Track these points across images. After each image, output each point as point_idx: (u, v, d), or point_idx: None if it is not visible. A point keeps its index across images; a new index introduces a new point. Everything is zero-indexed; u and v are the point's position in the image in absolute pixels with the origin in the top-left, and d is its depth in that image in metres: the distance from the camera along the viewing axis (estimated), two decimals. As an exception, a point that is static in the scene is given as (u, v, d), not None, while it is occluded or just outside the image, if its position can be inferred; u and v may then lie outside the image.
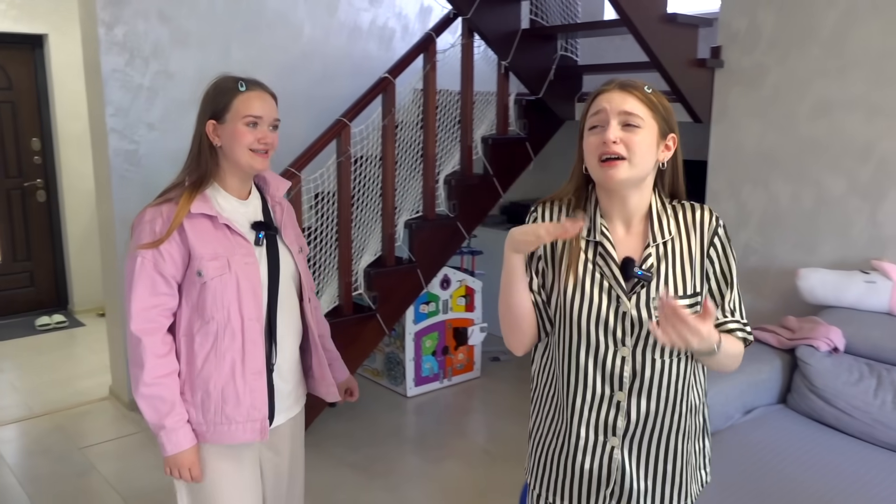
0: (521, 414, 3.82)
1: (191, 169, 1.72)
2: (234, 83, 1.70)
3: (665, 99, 1.40)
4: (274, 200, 1.85)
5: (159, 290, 1.66)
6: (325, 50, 4.31)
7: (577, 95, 4.16)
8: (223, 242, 1.68)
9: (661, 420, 1.41)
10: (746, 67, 3.29)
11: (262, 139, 1.70)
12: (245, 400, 1.69)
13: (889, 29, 2.85)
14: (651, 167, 1.37)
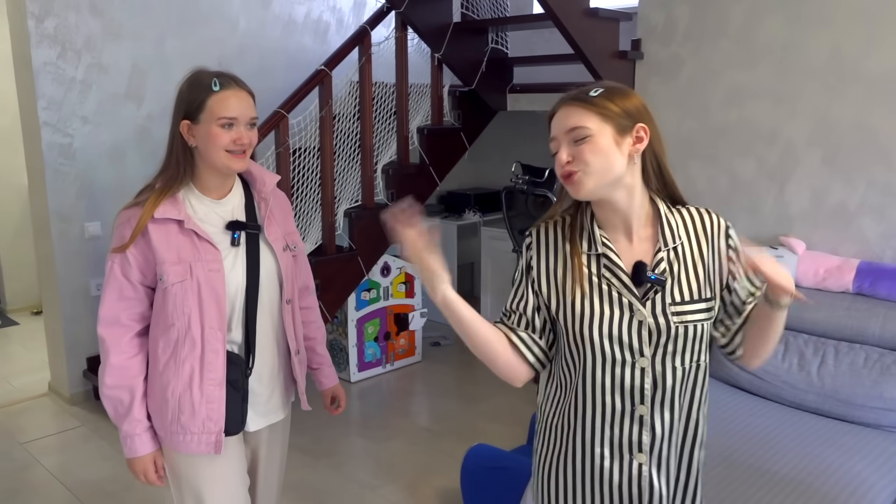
0: (461, 394, 3.97)
1: (164, 169, 1.66)
2: (209, 80, 1.61)
3: (622, 94, 1.34)
4: (260, 196, 1.76)
5: (125, 294, 1.64)
6: (260, 43, 4.35)
7: (508, 87, 4.31)
8: (188, 248, 1.62)
9: (682, 430, 1.39)
10: (664, 59, 3.50)
11: (238, 140, 1.61)
12: (201, 411, 1.64)
13: (790, 23, 3.09)
14: (619, 167, 1.32)
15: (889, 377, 2.53)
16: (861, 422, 2.56)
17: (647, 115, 1.35)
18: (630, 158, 1.33)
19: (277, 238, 1.76)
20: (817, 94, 3.05)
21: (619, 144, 1.32)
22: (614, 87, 1.37)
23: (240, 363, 1.69)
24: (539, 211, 4.02)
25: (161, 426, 1.67)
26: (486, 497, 2.61)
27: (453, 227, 4.94)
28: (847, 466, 2.25)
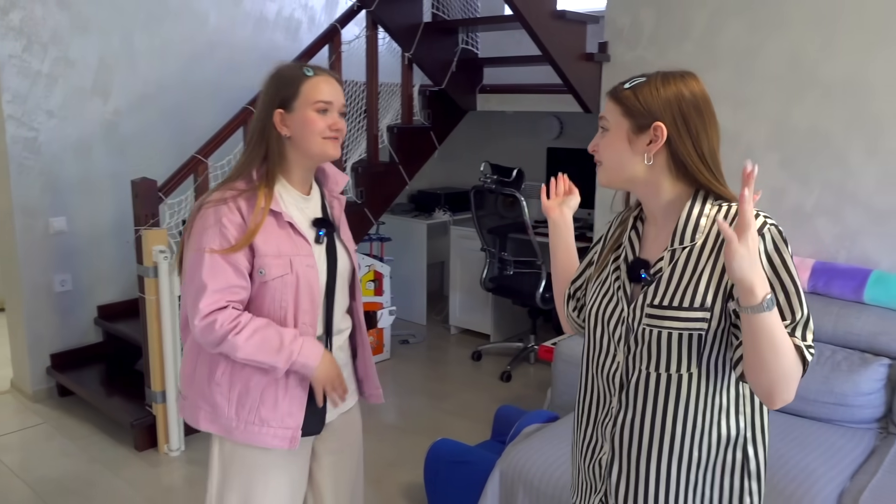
0: (428, 392, 4.00)
1: (254, 162, 1.62)
2: (300, 69, 1.61)
3: (657, 86, 1.29)
4: (332, 195, 1.78)
5: (231, 281, 1.57)
6: (231, 40, 4.34)
7: (478, 87, 4.35)
8: (286, 241, 1.61)
9: (659, 443, 1.29)
10: (630, 61, 3.56)
11: (334, 125, 1.62)
12: (283, 406, 1.63)
13: (751, 29, 3.17)
14: (630, 166, 1.29)
15: (839, 373, 2.61)
16: (812, 416, 2.64)
17: (679, 109, 1.26)
18: (647, 157, 1.28)
19: (349, 238, 1.80)
20: (776, 98, 3.13)
21: (633, 143, 1.28)
22: (656, 77, 1.31)
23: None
24: (508, 210, 4.08)
25: (238, 416, 1.63)
26: (448, 491, 2.64)
27: (423, 226, 4.97)
28: (797, 459, 2.32)
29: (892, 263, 2.90)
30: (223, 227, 1.56)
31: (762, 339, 1.12)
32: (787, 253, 1.20)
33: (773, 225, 1.21)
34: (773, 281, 1.18)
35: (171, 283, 3.11)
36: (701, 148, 1.27)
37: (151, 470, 3.12)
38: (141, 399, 3.36)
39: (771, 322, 1.11)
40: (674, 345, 1.25)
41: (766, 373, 1.14)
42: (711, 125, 1.29)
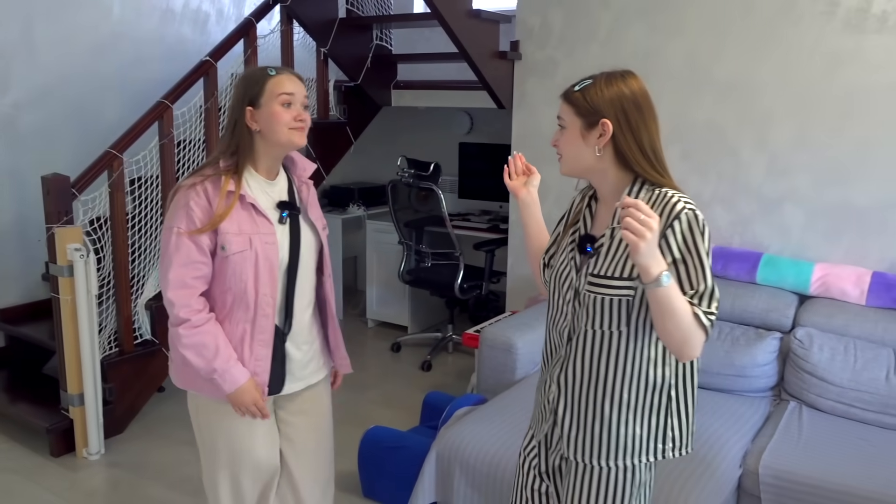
0: (351, 384, 4.03)
1: (225, 154, 1.81)
2: (264, 70, 1.80)
3: (602, 86, 1.47)
4: (300, 181, 1.94)
5: (193, 258, 1.76)
6: (136, 32, 4.21)
7: (392, 83, 4.42)
8: (248, 221, 1.79)
9: (596, 383, 1.53)
10: (540, 60, 3.74)
11: (298, 116, 1.79)
12: (249, 365, 1.81)
13: (651, 32, 3.40)
14: (586, 157, 1.49)
15: (739, 348, 2.87)
16: (716, 388, 2.89)
17: (621, 107, 1.45)
18: (597, 150, 1.48)
19: (318, 218, 1.95)
20: (676, 95, 3.37)
21: (586, 138, 1.49)
22: (601, 78, 1.50)
23: (280, 334, 1.86)
24: (423, 204, 4.17)
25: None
26: (384, 476, 2.72)
27: (338, 221, 4.99)
28: (706, 426, 2.54)
29: (780, 247, 3.20)
30: (190, 210, 1.75)
31: (661, 307, 1.36)
32: (698, 235, 1.41)
33: (691, 210, 1.42)
34: (683, 258, 1.41)
35: (87, 282, 3.02)
36: (640, 141, 1.47)
37: (71, 475, 3.03)
38: (53, 403, 3.24)
39: (667, 294, 1.34)
40: (607, 307, 1.49)
41: (668, 333, 1.39)
42: (651, 119, 1.48)
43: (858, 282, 2.89)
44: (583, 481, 1.59)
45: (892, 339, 2.72)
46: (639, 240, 1.28)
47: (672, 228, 1.41)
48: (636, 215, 1.29)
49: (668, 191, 1.46)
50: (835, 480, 2.20)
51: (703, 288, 1.41)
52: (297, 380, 1.94)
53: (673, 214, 1.41)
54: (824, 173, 3.06)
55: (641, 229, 1.28)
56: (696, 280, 1.41)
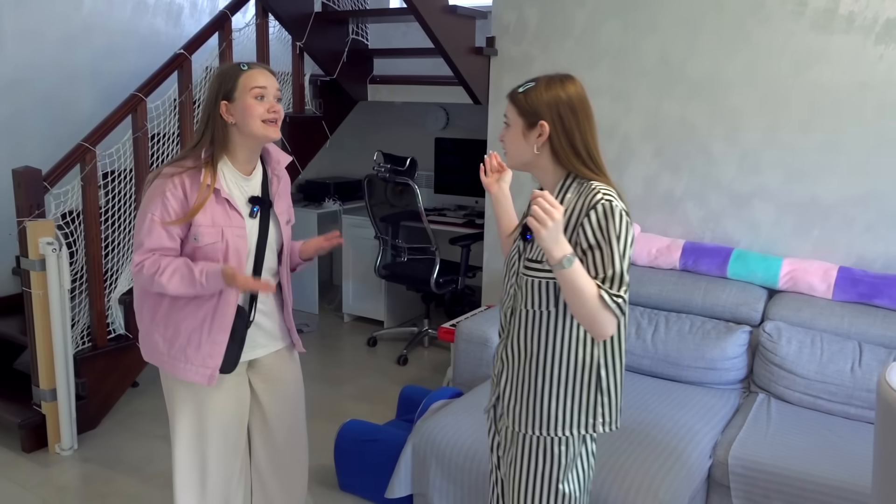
0: (327, 378, 4.04)
1: (202, 145, 1.90)
2: (237, 66, 1.91)
3: (542, 89, 1.61)
4: (273, 173, 2.05)
5: (163, 243, 1.88)
6: (108, 23, 4.16)
7: (368, 77, 4.42)
8: (221, 214, 1.89)
9: (532, 358, 1.68)
10: (516, 56, 3.76)
11: (271, 109, 1.89)
12: (204, 349, 1.92)
13: (625, 29, 3.44)
14: (527, 154, 1.65)
15: (709, 341, 2.93)
16: (687, 380, 2.94)
17: (557, 110, 1.60)
18: (536, 148, 1.63)
19: (282, 212, 2.06)
20: (649, 93, 3.42)
21: (526, 136, 1.65)
22: (542, 81, 1.64)
23: (244, 315, 1.98)
24: (399, 199, 4.18)
25: (168, 352, 1.95)
26: (360, 469, 2.73)
27: (313, 216, 4.98)
28: (676, 418, 2.59)
29: (750, 242, 3.26)
30: (166, 199, 1.86)
31: (567, 288, 1.53)
32: (611, 224, 1.55)
33: (608, 201, 1.56)
34: (598, 244, 1.56)
35: (60, 277, 2.99)
36: (574, 141, 1.62)
37: (43, 470, 3.00)
38: (25, 399, 3.21)
39: (571, 276, 1.50)
40: (538, 289, 1.65)
41: (576, 311, 1.55)
42: (586, 121, 1.63)
43: (825, 276, 2.95)
44: (521, 450, 1.73)
45: (857, 332, 2.79)
46: (540, 226, 1.45)
47: (588, 217, 1.56)
48: (542, 205, 1.45)
49: (594, 184, 1.61)
50: (801, 469, 2.26)
51: (610, 273, 1.55)
52: (260, 347, 2.07)
53: (590, 205, 1.57)
54: (793, 170, 3.13)
55: (544, 217, 1.45)
56: (605, 265, 1.55)
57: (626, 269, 1.56)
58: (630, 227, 1.58)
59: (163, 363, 1.98)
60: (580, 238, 1.57)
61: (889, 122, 2.91)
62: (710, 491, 2.46)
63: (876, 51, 2.90)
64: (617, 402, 1.71)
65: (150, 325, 1.98)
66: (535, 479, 1.72)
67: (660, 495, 2.14)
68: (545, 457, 1.71)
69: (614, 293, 1.54)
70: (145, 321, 1.99)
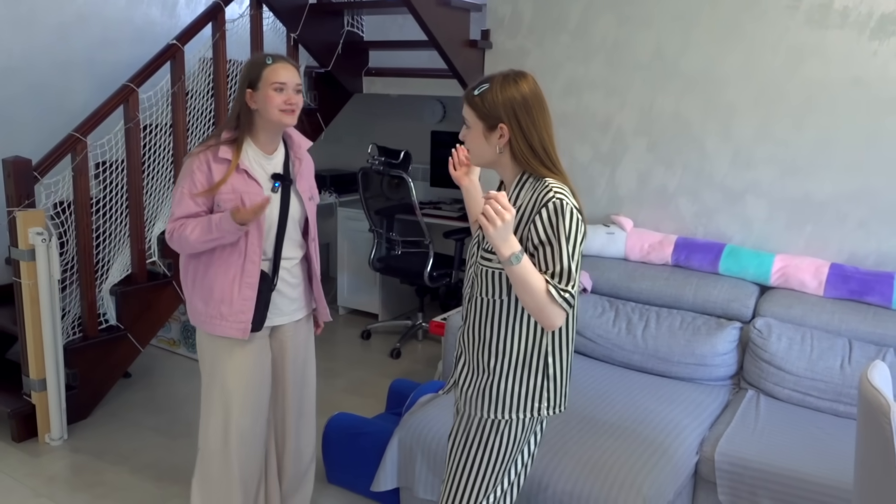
0: (320, 371, 3.99)
1: (228, 126, 2.17)
2: (263, 58, 2.13)
3: (498, 90, 1.64)
4: (296, 155, 2.28)
5: (191, 211, 2.14)
6: (103, 13, 4.15)
7: (363, 70, 4.40)
8: (241, 182, 2.13)
9: (485, 344, 1.75)
10: (511, 49, 3.74)
11: (288, 101, 2.11)
12: (237, 305, 2.16)
13: (620, 23, 3.42)
14: (489, 155, 1.70)
15: (700, 337, 2.92)
16: (677, 376, 2.94)
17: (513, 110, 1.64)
18: (498, 149, 1.68)
19: (304, 189, 2.28)
20: (643, 87, 3.40)
21: (488, 138, 1.69)
22: (496, 81, 1.66)
23: (267, 280, 2.21)
24: (394, 192, 4.17)
25: (205, 311, 2.19)
26: (348, 462, 2.73)
27: (309, 208, 4.96)
28: (664, 413, 2.59)
29: (742, 238, 3.25)
30: (193, 175, 2.14)
31: (516, 282, 1.59)
32: (560, 222, 1.60)
33: (559, 199, 1.62)
34: (548, 240, 1.61)
35: (49, 267, 2.99)
36: (531, 141, 1.67)
37: (33, 460, 3.00)
38: (16, 389, 3.21)
39: (520, 272, 1.57)
40: (491, 278, 1.72)
41: (525, 304, 1.62)
42: (541, 118, 1.67)
43: (817, 273, 2.94)
44: (468, 429, 1.80)
45: (847, 329, 2.78)
46: (489, 225, 1.53)
47: (540, 215, 1.62)
48: (494, 206, 1.53)
49: (548, 182, 1.66)
50: (787, 467, 2.25)
51: (558, 268, 1.60)
52: (283, 314, 2.29)
53: (542, 203, 1.62)
54: (786, 166, 3.11)
55: (494, 217, 1.53)
56: (554, 261, 1.61)
57: (574, 265, 1.61)
58: (580, 225, 1.64)
59: (202, 323, 2.21)
60: (531, 234, 1.63)
61: (883, 118, 2.89)
62: (696, 487, 2.45)
63: (870, 46, 2.89)
64: (562, 388, 1.79)
65: (191, 290, 2.23)
66: (478, 459, 1.79)
67: (643, 491, 2.13)
68: (492, 436, 1.78)
69: (562, 288, 1.59)
70: (188, 288, 2.25)
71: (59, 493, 2.79)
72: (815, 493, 2.18)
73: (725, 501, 2.33)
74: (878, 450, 1.43)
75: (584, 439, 2.39)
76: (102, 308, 3.35)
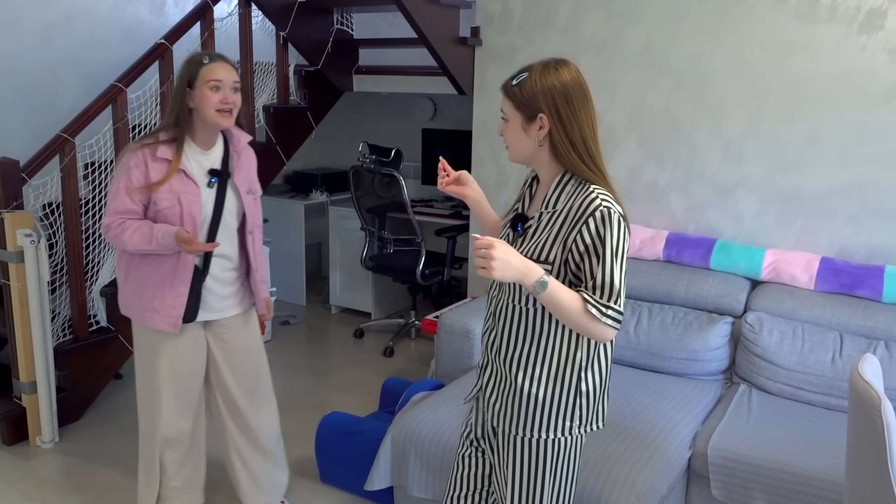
0: (313, 370, 4.04)
1: (165, 126, 2.19)
2: (201, 57, 2.16)
3: (538, 79, 1.54)
4: (234, 149, 2.31)
5: (127, 206, 2.16)
6: (90, 11, 4.12)
7: (354, 68, 4.39)
8: (178, 182, 2.17)
9: (514, 354, 1.63)
10: (501, 46, 3.74)
11: (225, 100, 2.14)
12: (168, 300, 2.21)
13: (610, 19, 3.42)
14: (529, 148, 1.58)
15: (691, 332, 2.92)
16: (669, 371, 2.94)
17: (552, 101, 1.53)
18: (537, 142, 1.57)
19: (242, 183, 2.31)
20: (633, 83, 3.40)
21: (527, 130, 1.58)
22: (535, 70, 1.56)
23: (198, 273, 2.24)
24: (385, 190, 4.16)
25: (138, 305, 2.23)
26: (341, 460, 2.72)
27: (300, 207, 4.96)
28: (657, 409, 2.59)
29: (734, 233, 3.25)
30: (130, 171, 2.16)
31: (549, 304, 1.50)
32: (606, 231, 1.50)
33: (606, 208, 1.51)
34: (594, 250, 1.51)
35: (38, 269, 2.97)
36: (571, 135, 1.55)
37: (24, 463, 2.98)
38: (6, 392, 3.19)
39: (550, 297, 1.48)
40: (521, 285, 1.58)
41: (565, 322, 1.53)
42: (582, 110, 1.55)
43: (808, 267, 2.95)
44: (503, 449, 1.69)
45: (838, 322, 2.79)
46: (489, 273, 1.44)
47: (587, 224, 1.51)
48: (478, 253, 1.44)
49: (592, 187, 1.54)
50: (780, 460, 2.26)
51: (600, 281, 1.50)
52: (214, 311, 2.33)
53: (589, 211, 1.51)
54: (776, 161, 3.12)
55: (483, 262, 1.43)
56: (595, 272, 1.50)
57: (619, 278, 1.50)
58: (627, 235, 1.53)
59: (134, 315, 2.26)
60: (576, 243, 1.52)
61: (872, 112, 2.90)
62: (689, 482, 2.46)
63: (859, 40, 2.89)
64: (595, 406, 1.65)
65: (124, 281, 2.27)
66: (520, 478, 1.68)
67: (637, 486, 2.14)
68: (526, 457, 1.66)
69: (603, 304, 1.49)
70: (121, 278, 2.28)
71: (51, 496, 2.77)
72: (807, 486, 2.19)
73: (718, 496, 2.34)
74: (868, 442, 1.43)
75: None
76: (93, 309, 3.33)
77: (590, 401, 1.64)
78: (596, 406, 1.66)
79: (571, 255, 1.53)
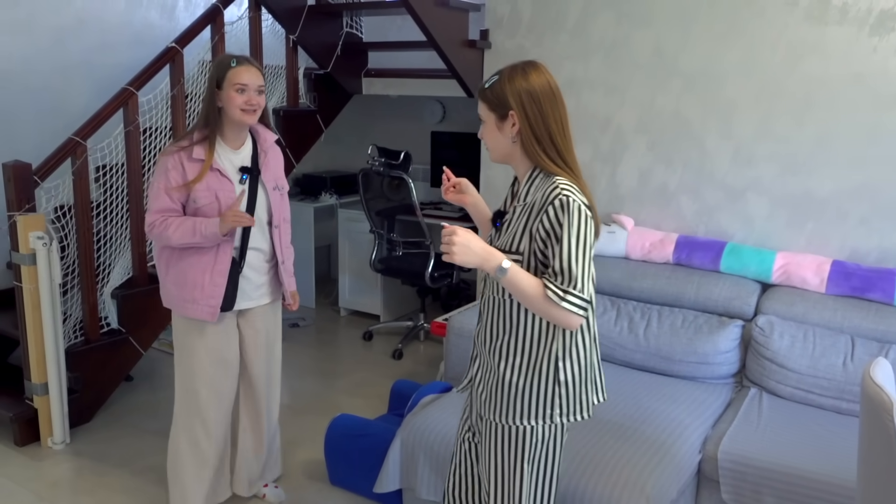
0: (322, 373, 4.04)
1: (198, 126, 2.35)
2: (229, 60, 2.31)
3: (507, 81, 1.65)
4: (262, 148, 2.46)
5: (167, 206, 2.32)
6: (102, 16, 4.15)
7: (363, 71, 4.40)
8: (215, 180, 2.33)
9: (496, 345, 1.73)
10: (510, 49, 3.74)
11: (249, 101, 2.30)
12: (207, 290, 2.36)
13: (619, 21, 3.41)
14: (505, 146, 1.70)
15: (701, 335, 2.91)
16: (678, 375, 2.93)
17: (520, 100, 1.63)
18: (512, 139, 1.68)
19: (269, 180, 2.47)
20: (643, 85, 3.39)
21: (501, 129, 1.69)
22: (505, 72, 1.68)
23: (235, 264, 2.40)
24: (394, 193, 4.16)
25: (178, 295, 2.38)
26: (350, 463, 2.73)
27: (310, 210, 4.97)
28: (667, 412, 2.58)
29: (744, 236, 3.24)
30: (168, 172, 2.32)
31: (512, 290, 1.62)
32: (564, 219, 1.58)
33: (565, 196, 1.59)
34: (555, 237, 1.59)
35: (50, 271, 2.99)
36: (538, 133, 1.65)
37: (36, 464, 3.00)
38: (17, 393, 3.21)
39: (510, 281, 1.60)
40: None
41: (532, 310, 1.63)
42: (550, 110, 1.65)
43: (818, 270, 2.93)
44: (488, 435, 1.77)
45: (849, 326, 2.77)
46: (452, 257, 1.56)
47: (546, 212, 1.60)
48: (443, 240, 1.57)
49: (556, 179, 1.64)
50: (790, 465, 2.25)
51: (558, 266, 1.58)
52: (250, 299, 2.49)
53: (549, 200, 1.60)
54: (787, 163, 3.11)
55: (447, 247, 1.57)
56: (555, 258, 1.59)
57: (580, 265, 1.57)
58: (588, 223, 1.59)
59: (175, 306, 2.40)
60: (538, 231, 1.62)
61: (883, 114, 2.89)
62: (699, 486, 2.45)
63: (870, 42, 2.88)
64: (576, 396, 1.72)
65: (165, 274, 2.41)
66: (500, 465, 1.76)
67: (647, 490, 2.13)
68: (508, 444, 1.74)
69: (563, 288, 1.57)
70: (162, 272, 2.42)
71: (62, 497, 2.79)
72: (818, 491, 2.18)
73: (729, 500, 2.33)
74: (881, 447, 1.42)
75: (586, 438, 2.38)
76: (104, 311, 3.35)
77: (569, 390, 1.71)
78: (578, 396, 1.72)
79: (536, 243, 1.63)
